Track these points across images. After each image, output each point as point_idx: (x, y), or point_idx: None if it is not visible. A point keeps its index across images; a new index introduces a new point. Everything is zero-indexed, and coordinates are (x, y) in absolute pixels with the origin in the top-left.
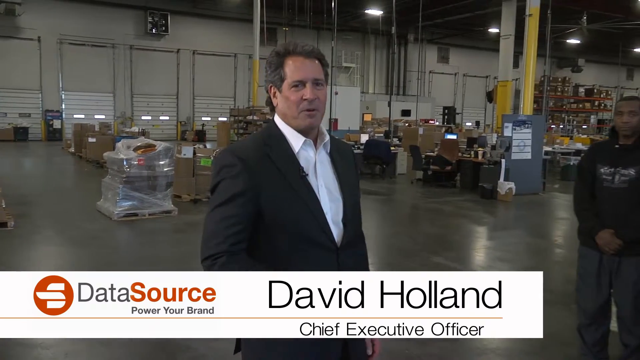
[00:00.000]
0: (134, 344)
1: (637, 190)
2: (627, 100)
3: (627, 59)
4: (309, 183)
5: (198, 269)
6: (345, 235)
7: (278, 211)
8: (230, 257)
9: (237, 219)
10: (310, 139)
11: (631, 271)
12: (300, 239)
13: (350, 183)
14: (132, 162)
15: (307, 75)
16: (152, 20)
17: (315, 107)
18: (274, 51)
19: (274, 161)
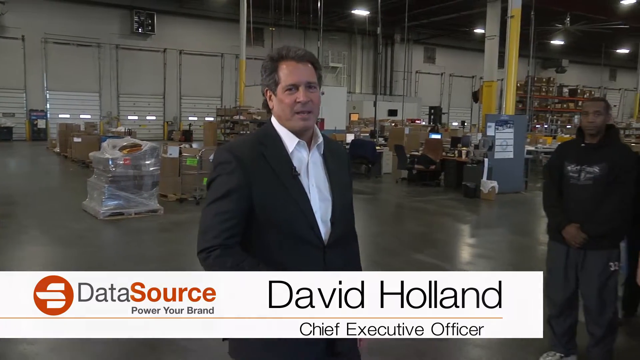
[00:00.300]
0: (116, 338)
1: (601, 187)
2: (592, 101)
3: (610, 59)
4: (300, 182)
5: (184, 267)
6: (333, 233)
7: (269, 208)
8: (224, 250)
9: (231, 214)
10: (304, 140)
11: (596, 264)
12: (289, 235)
13: (342, 183)
14: (118, 161)
15: (300, 79)
16: (138, 20)
17: (309, 109)
18: (268, 56)
19: (268, 160)
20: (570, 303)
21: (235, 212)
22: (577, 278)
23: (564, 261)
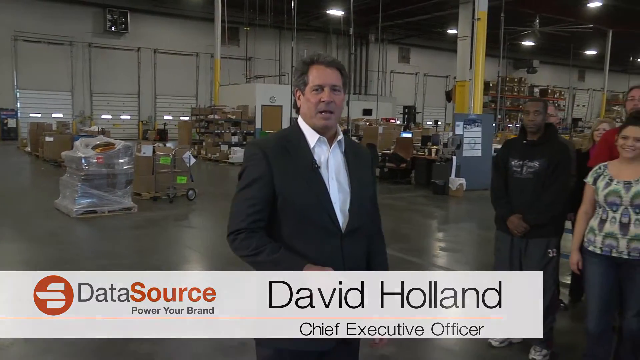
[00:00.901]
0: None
1: (540, 180)
2: (533, 101)
3: (579, 60)
4: (320, 174)
5: (158, 263)
6: (350, 223)
7: (290, 196)
8: (250, 234)
9: (256, 200)
10: (325, 138)
11: (536, 251)
12: (308, 222)
13: (362, 180)
14: (91, 160)
15: (326, 81)
16: (112, 18)
17: (331, 109)
18: (300, 60)
19: (290, 153)
20: None
21: (259, 199)
22: (520, 264)
23: (509, 249)
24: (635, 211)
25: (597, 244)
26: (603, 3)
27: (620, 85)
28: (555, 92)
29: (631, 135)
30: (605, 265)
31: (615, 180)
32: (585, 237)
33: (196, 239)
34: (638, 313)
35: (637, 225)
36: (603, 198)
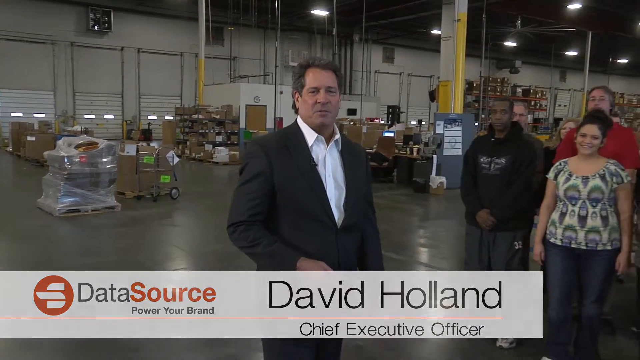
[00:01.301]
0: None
1: (507, 176)
2: (500, 100)
3: (560, 61)
4: (317, 171)
5: (142, 260)
6: (345, 218)
7: (288, 191)
8: (248, 226)
9: (256, 194)
10: (323, 137)
11: (504, 243)
12: (306, 216)
13: (358, 178)
14: (74, 159)
15: (321, 83)
16: (94, 17)
17: (327, 109)
18: (298, 64)
19: (290, 151)
20: None
21: (259, 193)
22: (489, 256)
23: (478, 242)
24: (592, 204)
25: (558, 236)
26: (583, 5)
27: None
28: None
29: (588, 133)
30: (565, 256)
31: (575, 175)
32: (547, 230)
33: (180, 237)
34: (596, 300)
35: (593, 218)
36: (563, 192)
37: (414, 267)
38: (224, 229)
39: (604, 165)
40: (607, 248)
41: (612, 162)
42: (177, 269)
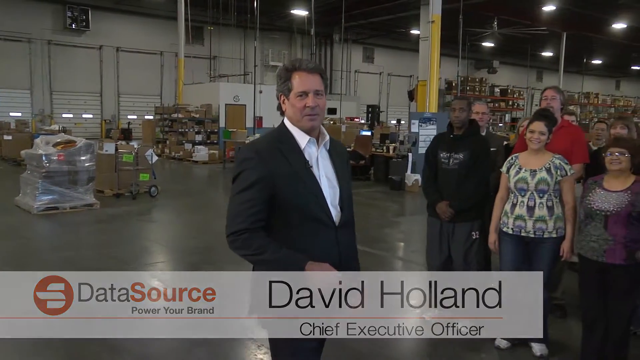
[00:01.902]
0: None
1: (464, 170)
2: (458, 99)
3: (537, 61)
4: (312, 173)
5: (120, 254)
6: (342, 216)
7: (288, 194)
8: (251, 234)
9: (256, 202)
10: (314, 138)
11: (462, 233)
12: (306, 217)
13: (345, 175)
14: (52, 157)
15: (309, 87)
16: (72, 15)
17: (316, 112)
18: (283, 66)
19: (284, 154)
20: (444, 267)
21: (259, 200)
22: (449, 246)
23: (439, 233)
24: (540, 195)
25: (509, 225)
26: (557, 7)
27: (575, 85)
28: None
29: (536, 130)
30: (516, 244)
31: (524, 168)
32: (500, 220)
33: (158, 233)
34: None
35: (540, 208)
36: (513, 184)
37: (388, 260)
38: (201, 225)
39: (549, 160)
40: (552, 236)
41: (558, 157)
42: (154, 263)
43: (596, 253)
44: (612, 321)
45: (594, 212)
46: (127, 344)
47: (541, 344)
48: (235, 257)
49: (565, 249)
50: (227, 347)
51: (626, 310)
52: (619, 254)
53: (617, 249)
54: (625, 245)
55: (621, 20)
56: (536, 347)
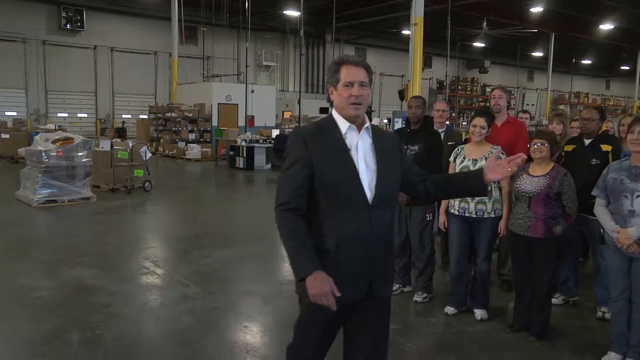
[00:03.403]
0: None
1: (419, 160)
2: (414, 98)
3: (527, 62)
4: (350, 156)
5: (115, 241)
6: (376, 196)
7: (325, 173)
8: (293, 214)
9: (296, 178)
10: (355, 126)
11: (417, 216)
12: (341, 195)
13: (388, 161)
14: (51, 153)
15: (355, 78)
16: (66, 16)
17: (360, 101)
18: (333, 61)
19: (325, 138)
20: (403, 247)
21: (299, 176)
22: (407, 228)
23: (398, 216)
24: None
25: (455, 207)
26: (544, 8)
27: (565, 85)
28: None
29: (478, 124)
30: (461, 224)
31: (467, 158)
32: (449, 203)
33: (151, 223)
34: (485, 259)
35: None
36: (458, 172)
37: None
38: (192, 216)
39: (489, 150)
40: (491, 216)
41: (496, 148)
42: (147, 248)
43: (522, 229)
44: (536, 287)
45: (520, 194)
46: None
47: (482, 310)
48: (222, 242)
49: (502, 226)
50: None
51: (547, 277)
52: (540, 229)
53: (538, 225)
54: (545, 221)
55: (608, 22)
56: (477, 313)
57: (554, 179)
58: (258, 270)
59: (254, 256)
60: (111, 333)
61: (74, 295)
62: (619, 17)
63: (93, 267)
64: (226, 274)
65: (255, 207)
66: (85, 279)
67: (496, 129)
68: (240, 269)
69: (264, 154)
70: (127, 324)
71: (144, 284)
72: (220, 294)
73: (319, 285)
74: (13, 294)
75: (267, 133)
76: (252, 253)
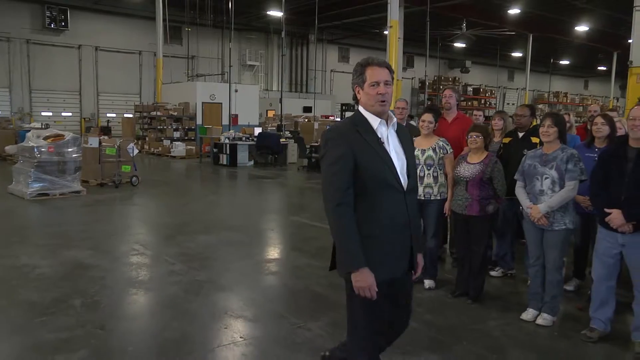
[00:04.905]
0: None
1: None
2: None
3: (508, 62)
4: (384, 148)
5: (105, 228)
6: (409, 183)
7: (367, 165)
8: (345, 209)
9: (343, 173)
10: (383, 120)
11: None
12: (381, 183)
13: (410, 150)
14: (42, 149)
15: (380, 78)
16: (51, 15)
17: (385, 99)
18: (358, 63)
19: (361, 134)
20: None
21: (345, 171)
22: None
23: None
24: (427, 168)
25: None
26: (522, 10)
27: (545, 85)
28: (487, 90)
29: (426, 119)
30: None
31: (417, 148)
32: None
33: (138, 213)
34: (432, 236)
35: (428, 177)
36: None
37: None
38: (177, 207)
39: (435, 142)
40: (437, 198)
41: (442, 140)
42: (135, 234)
43: (461, 208)
44: (473, 258)
45: (459, 179)
46: (87, 270)
47: (430, 280)
48: (205, 229)
49: (446, 207)
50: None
51: (482, 249)
52: (475, 208)
53: (474, 204)
54: (479, 201)
55: (583, 23)
56: (426, 282)
57: (487, 165)
58: (238, 252)
59: (234, 242)
60: (108, 300)
61: (72, 271)
62: (594, 19)
63: (87, 249)
64: (208, 255)
65: (238, 200)
66: (81, 258)
67: (447, 124)
68: (221, 251)
69: (247, 151)
70: (122, 292)
71: (134, 262)
72: (202, 270)
73: (364, 280)
74: (18, 270)
75: (250, 131)
76: (233, 239)
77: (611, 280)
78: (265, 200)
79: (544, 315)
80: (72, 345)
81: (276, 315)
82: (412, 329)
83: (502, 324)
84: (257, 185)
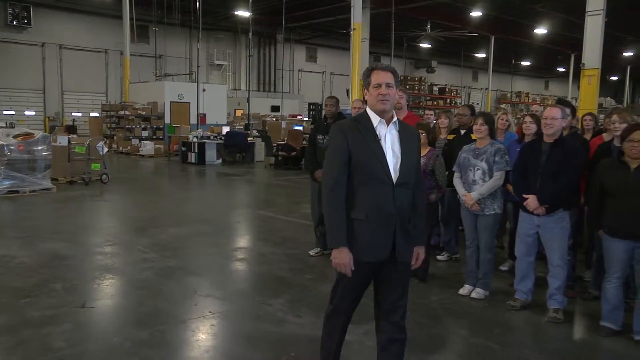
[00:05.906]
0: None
1: None
2: (329, 98)
3: (472, 62)
4: (380, 144)
5: (75, 222)
6: (399, 177)
7: (360, 158)
8: (338, 193)
9: (339, 162)
10: (384, 120)
11: None
12: (371, 176)
13: (410, 150)
14: (12, 147)
15: (382, 80)
16: (13, 12)
17: (387, 98)
18: (366, 68)
19: (360, 130)
20: (321, 219)
21: (340, 161)
22: None
23: (317, 193)
24: None
25: None
26: (483, 12)
27: (507, 85)
28: (452, 90)
29: None
30: None
31: None
32: None
33: (109, 208)
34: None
35: None
36: None
37: (300, 223)
38: (147, 203)
39: None
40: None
41: None
42: (107, 227)
43: None
44: None
45: None
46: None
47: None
48: (176, 222)
49: None
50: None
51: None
52: None
53: None
54: (423, 191)
55: (541, 26)
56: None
57: (429, 159)
58: (207, 242)
59: (204, 233)
60: (86, 283)
61: (51, 260)
62: (551, 22)
63: (62, 241)
64: (179, 245)
65: (207, 196)
66: (57, 249)
67: None
68: (191, 241)
69: (215, 150)
70: (99, 277)
71: (108, 252)
72: (174, 258)
73: (341, 258)
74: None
75: (218, 130)
76: (202, 231)
77: (530, 257)
78: (233, 196)
79: (477, 289)
80: (57, 320)
81: (242, 294)
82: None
83: (442, 298)
84: (225, 183)
